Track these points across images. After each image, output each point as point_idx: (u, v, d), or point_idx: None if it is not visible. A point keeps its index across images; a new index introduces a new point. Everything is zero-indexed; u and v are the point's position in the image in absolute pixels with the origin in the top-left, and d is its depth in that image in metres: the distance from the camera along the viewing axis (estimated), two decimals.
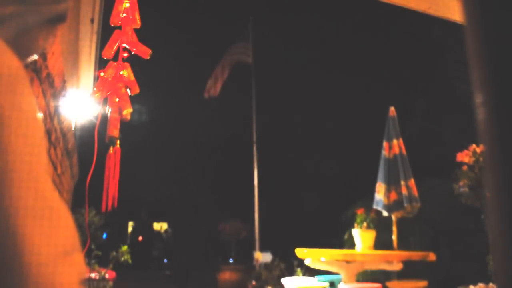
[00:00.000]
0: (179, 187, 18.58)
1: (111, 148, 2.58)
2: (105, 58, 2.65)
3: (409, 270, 4.63)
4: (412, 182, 5.02)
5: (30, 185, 0.63)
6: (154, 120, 15.60)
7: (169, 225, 21.37)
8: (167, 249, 19.66)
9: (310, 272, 5.51)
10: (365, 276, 6.10)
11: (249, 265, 8.38)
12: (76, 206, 4.31)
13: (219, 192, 17.20)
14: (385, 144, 5.29)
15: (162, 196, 18.97)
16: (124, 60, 2.67)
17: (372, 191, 5.27)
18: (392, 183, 5.09)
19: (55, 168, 3.00)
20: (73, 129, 4.04)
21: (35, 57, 0.88)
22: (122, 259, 4.71)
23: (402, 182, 4.96)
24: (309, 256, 4.43)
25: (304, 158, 15.32)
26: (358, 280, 4.76)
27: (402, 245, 5.54)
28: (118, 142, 2.57)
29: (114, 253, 4.73)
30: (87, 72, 5.19)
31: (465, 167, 4.39)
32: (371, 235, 4.57)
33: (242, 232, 10.00)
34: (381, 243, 5.08)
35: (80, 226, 3.36)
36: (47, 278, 0.60)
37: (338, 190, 12.39)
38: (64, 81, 3.07)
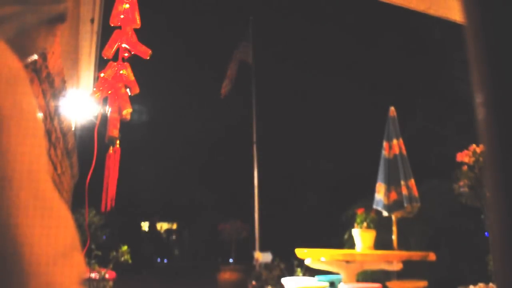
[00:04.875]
0: (178, 187, 18.59)
1: (111, 148, 2.58)
2: (105, 58, 2.65)
3: (409, 270, 4.63)
4: (412, 182, 5.02)
5: (30, 185, 0.63)
6: (154, 120, 15.61)
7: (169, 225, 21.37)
8: (166, 248, 19.66)
9: (310, 272, 5.51)
10: (365, 276, 6.10)
11: (249, 265, 8.37)
12: (76, 206, 4.31)
13: (219, 192, 17.21)
14: (385, 144, 5.29)
15: (161, 196, 18.98)
16: (124, 60, 2.67)
17: (372, 191, 5.27)
18: (392, 183, 5.08)
19: (55, 168, 3.00)
20: (73, 129, 4.04)
21: (35, 57, 0.88)
22: (122, 259, 4.71)
23: (402, 182, 4.95)
24: (309, 256, 4.43)
25: (304, 158, 15.33)
26: (358, 280, 4.76)
27: (402, 245, 5.54)
28: (118, 142, 2.57)
29: (114, 253, 4.73)
30: (87, 72, 5.19)
31: (465, 167, 4.39)
32: (371, 235, 4.57)
33: (242, 232, 10.00)
34: (381, 243, 5.08)
35: (80, 226, 3.36)
36: (47, 278, 0.60)
37: (338, 190, 12.39)
38: (64, 81, 3.07)
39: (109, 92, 2.56)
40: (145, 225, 20.45)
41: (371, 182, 5.34)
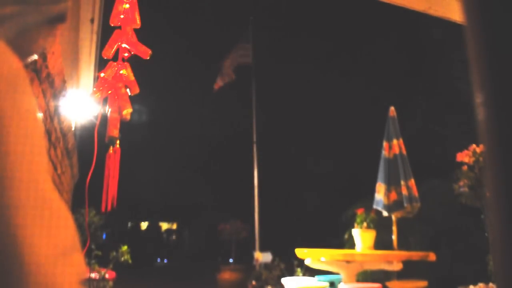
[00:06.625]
0: (179, 187, 18.58)
1: (111, 148, 2.58)
2: (105, 58, 2.65)
3: (409, 270, 4.63)
4: (412, 182, 5.02)
5: (30, 185, 0.63)
6: (154, 120, 15.61)
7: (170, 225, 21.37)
8: (167, 248, 19.66)
9: (310, 272, 5.51)
10: (365, 276, 6.10)
11: (249, 265, 8.38)
12: (76, 206, 4.31)
13: (219, 192, 17.21)
14: (385, 144, 5.29)
15: (161, 196, 18.98)
16: (124, 60, 2.67)
17: (372, 191, 5.27)
18: (392, 183, 5.08)
19: (55, 168, 3.00)
20: (73, 129, 4.04)
21: (35, 57, 0.88)
22: (122, 259, 4.71)
23: (402, 182, 4.95)
24: (309, 256, 4.43)
25: (304, 158, 15.33)
26: (358, 280, 4.76)
27: (402, 245, 5.54)
28: (118, 142, 2.57)
29: (114, 253, 4.73)
30: (87, 72, 5.19)
31: (465, 167, 4.39)
32: (371, 235, 4.57)
33: (242, 232, 10.00)
34: (381, 243, 5.08)
35: (80, 226, 3.36)
36: (47, 278, 0.60)
37: (338, 190, 12.39)
38: (64, 81, 3.07)
39: (109, 92, 2.56)
40: (145, 225, 20.47)
41: (371, 182, 5.34)
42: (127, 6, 2.69)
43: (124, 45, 2.65)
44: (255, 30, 9.65)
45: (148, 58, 2.65)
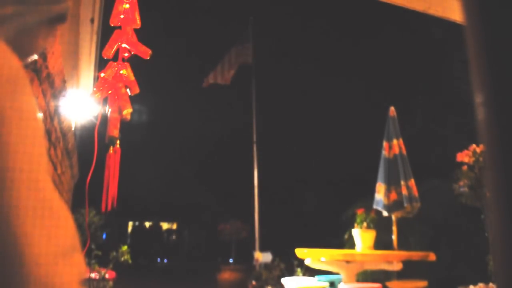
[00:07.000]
0: (179, 187, 18.58)
1: (111, 148, 2.58)
2: (105, 58, 2.66)
3: (409, 270, 4.63)
4: (412, 182, 5.02)
5: (30, 185, 0.63)
6: (154, 120, 15.61)
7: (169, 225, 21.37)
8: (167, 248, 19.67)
9: (310, 272, 5.51)
10: (365, 276, 6.10)
11: (249, 265, 8.38)
12: (76, 206, 4.30)
13: (219, 192, 17.21)
14: (385, 144, 5.29)
15: (161, 196, 18.99)
16: (124, 60, 2.67)
17: (372, 191, 5.27)
18: (392, 183, 5.08)
19: (55, 168, 3.00)
20: (73, 129, 4.04)
21: (35, 57, 0.88)
22: (122, 259, 4.71)
23: (402, 182, 4.95)
24: (309, 256, 4.43)
25: (304, 158, 15.33)
26: (358, 280, 4.76)
27: (402, 245, 5.54)
28: (118, 142, 2.57)
29: (114, 253, 4.72)
30: (87, 72, 5.19)
31: (465, 167, 4.39)
32: (371, 235, 4.57)
33: (242, 232, 10.00)
34: (381, 243, 5.08)
35: (80, 226, 3.36)
36: (47, 278, 0.60)
37: (338, 190, 12.39)
38: (64, 81, 3.07)
39: (109, 92, 2.56)
40: (145, 225, 20.47)
41: (371, 182, 5.34)
42: (127, 6, 2.69)
43: (124, 45, 2.65)
44: (255, 30, 9.65)
45: (148, 58, 2.65)
